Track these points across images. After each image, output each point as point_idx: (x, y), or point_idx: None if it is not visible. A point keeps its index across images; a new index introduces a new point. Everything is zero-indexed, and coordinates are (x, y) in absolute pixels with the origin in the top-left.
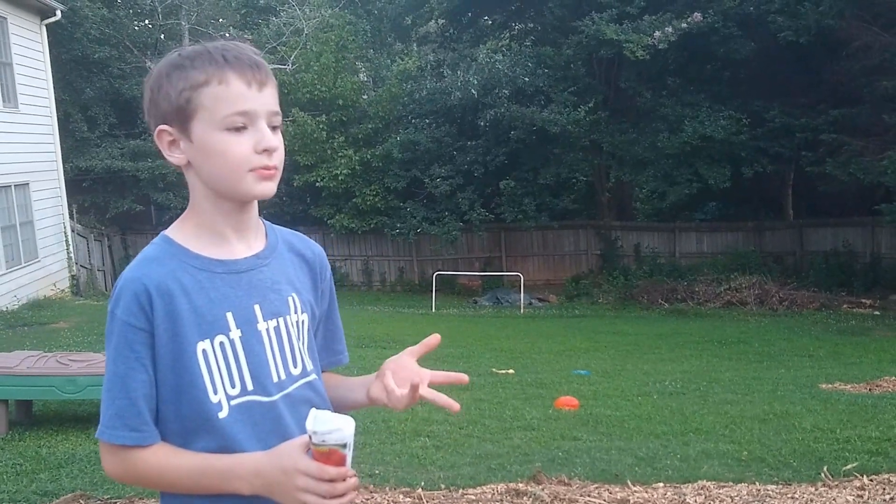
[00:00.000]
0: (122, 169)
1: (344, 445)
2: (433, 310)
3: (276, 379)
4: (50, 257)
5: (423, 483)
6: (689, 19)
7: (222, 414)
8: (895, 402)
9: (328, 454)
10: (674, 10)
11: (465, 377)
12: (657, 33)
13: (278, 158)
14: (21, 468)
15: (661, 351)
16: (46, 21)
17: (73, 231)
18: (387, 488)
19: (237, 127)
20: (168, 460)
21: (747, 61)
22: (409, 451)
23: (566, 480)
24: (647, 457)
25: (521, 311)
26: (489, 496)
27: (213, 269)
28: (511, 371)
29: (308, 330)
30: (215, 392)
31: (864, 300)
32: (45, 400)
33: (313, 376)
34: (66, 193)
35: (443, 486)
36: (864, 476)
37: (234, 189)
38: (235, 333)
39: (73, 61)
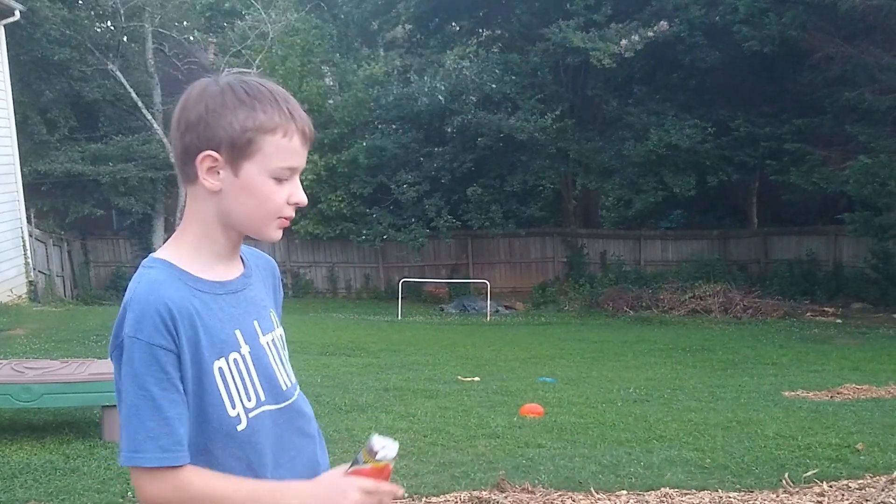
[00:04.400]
0: (82, 173)
1: (393, 458)
2: (399, 317)
3: (283, 387)
4: (6, 262)
5: None
6: (655, 28)
7: (241, 427)
8: (855, 409)
9: (382, 469)
10: (640, 18)
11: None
12: (624, 41)
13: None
14: None
15: (626, 358)
16: (4, 21)
17: (30, 236)
18: None
19: (282, 178)
20: (215, 480)
21: (713, 70)
22: None
23: (530, 488)
24: (610, 464)
25: (488, 318)
26: None
27: (215, 292)
28: (477, 378)
29: (284, 343)
30: (233, 407)
31: (826, 308)
32: None
33: (298, 388)
34: (24, 197)
35: (406, 494)
36: (825, 482)
37: (257, 229)
38: (245, 349)
39: (32, 63)
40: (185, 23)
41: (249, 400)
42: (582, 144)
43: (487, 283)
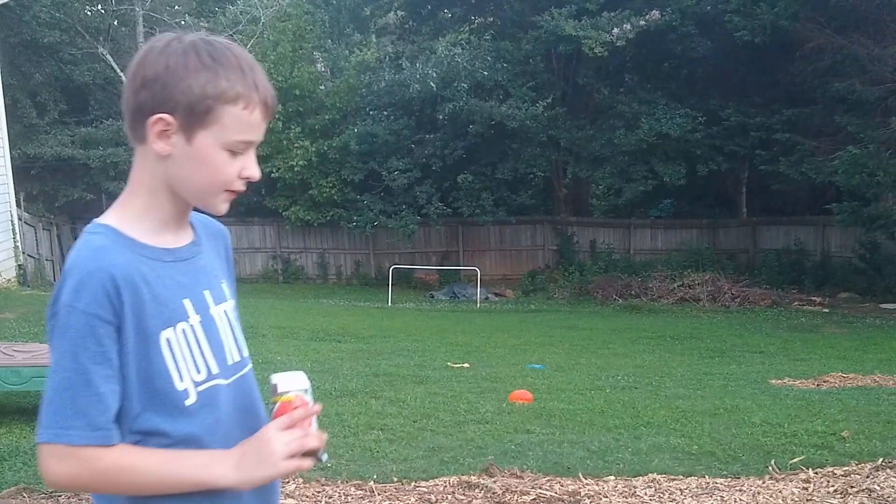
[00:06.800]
0: (72, 157)
1: (306, 390)
2: (389, 303)
3: (230, 362)
4: None
5: (375, 476)
6: (647, 17)
7: (189, 401)
8: (841, 397)
9: (291, 402)
10: (632, 7)
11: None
12: (615, 30)
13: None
14: None
15: (615, 346)
16: None
17: (20, 220)
18: (339, 481)
19: (236, 151)
20: (136, 455)
21: (704, 60)
22: (362, 444)
23: (518, 473)
24: (598, 450)
25: (478, 305)
26: (441, 489)
27: (162, 259)
28: (466, 365)
29: (236, 315)
30: (181, 379)
31: (813, 298)
32: None
33: (250, 363)
34: (14, 181)
35: (395, 478)
36: (810, 469)
37: (203, 200)
38: (195, 319)
39: (22, 45)
40: (176, 6)
41: (199, 373)
42: (573, 133)
43: (478, 270)
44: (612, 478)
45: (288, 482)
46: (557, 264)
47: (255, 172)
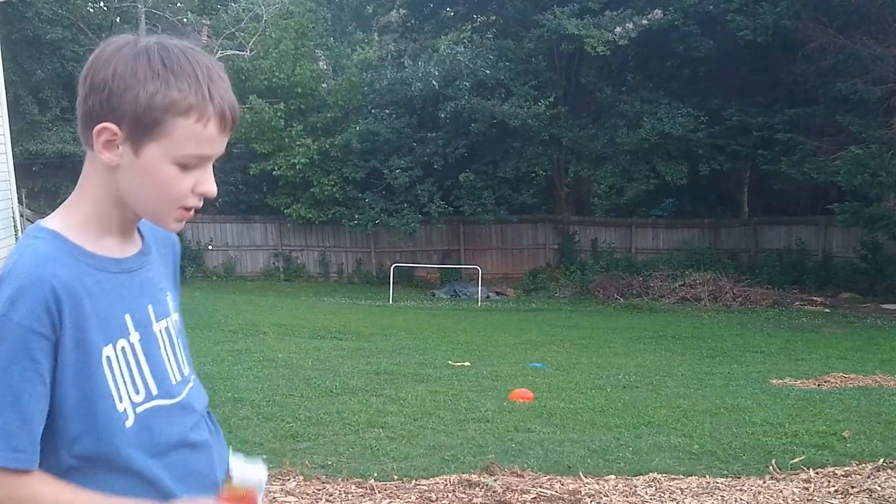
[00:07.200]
0: (74, 153)
1: (259, 484)
2: (391, 302)
3: (174, 381)
4: None
5: (375, 474)
6: (649, 16)
7: (128, 423)
8: (842, 397)
9: (243, 497)
10: (635, 6)
11: None
12: (618, 29)
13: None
14: None
15: (616, 345)
16: None
17: (21, 216)
18: (339, 479)
19: (189, 165)
20: (50, 490)
21: (706, 59)
22: (363, 442)
23: (519, 472)
24: (599, 449)
25: (479, 304)
26: (441, 487)
27: (108, 269)
28: (467, 363)
29: (181, 328)
30: (120, 400)
31: (815, 298)
32: None
33: (192, 379)
34: (16, 177)
35: (395, 476)
36: (811, 469)
37: (153, 216)
38: (135, 337)
39: (24, 42)
40: (178, 4)
41: (137, 393)
42: (575, 132)
43: (479, 268)
44: (613, 477)
45: (288, 479)
46: (559, 263)
47: (210, 188)
